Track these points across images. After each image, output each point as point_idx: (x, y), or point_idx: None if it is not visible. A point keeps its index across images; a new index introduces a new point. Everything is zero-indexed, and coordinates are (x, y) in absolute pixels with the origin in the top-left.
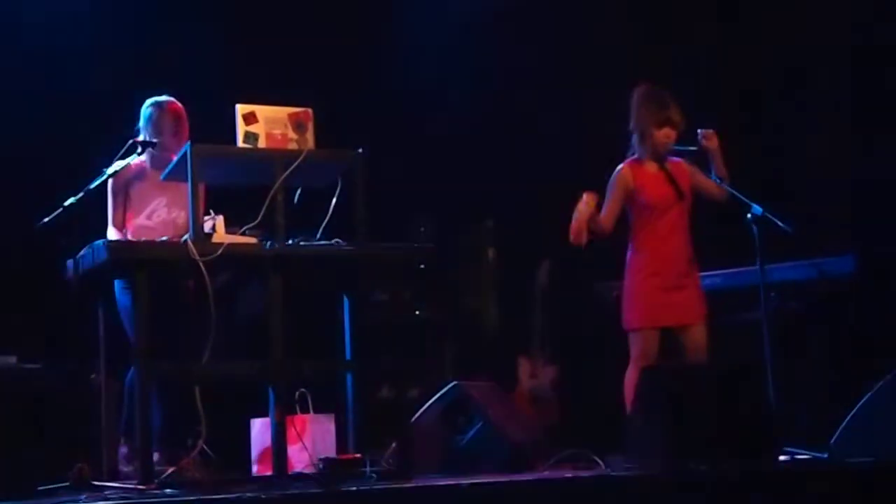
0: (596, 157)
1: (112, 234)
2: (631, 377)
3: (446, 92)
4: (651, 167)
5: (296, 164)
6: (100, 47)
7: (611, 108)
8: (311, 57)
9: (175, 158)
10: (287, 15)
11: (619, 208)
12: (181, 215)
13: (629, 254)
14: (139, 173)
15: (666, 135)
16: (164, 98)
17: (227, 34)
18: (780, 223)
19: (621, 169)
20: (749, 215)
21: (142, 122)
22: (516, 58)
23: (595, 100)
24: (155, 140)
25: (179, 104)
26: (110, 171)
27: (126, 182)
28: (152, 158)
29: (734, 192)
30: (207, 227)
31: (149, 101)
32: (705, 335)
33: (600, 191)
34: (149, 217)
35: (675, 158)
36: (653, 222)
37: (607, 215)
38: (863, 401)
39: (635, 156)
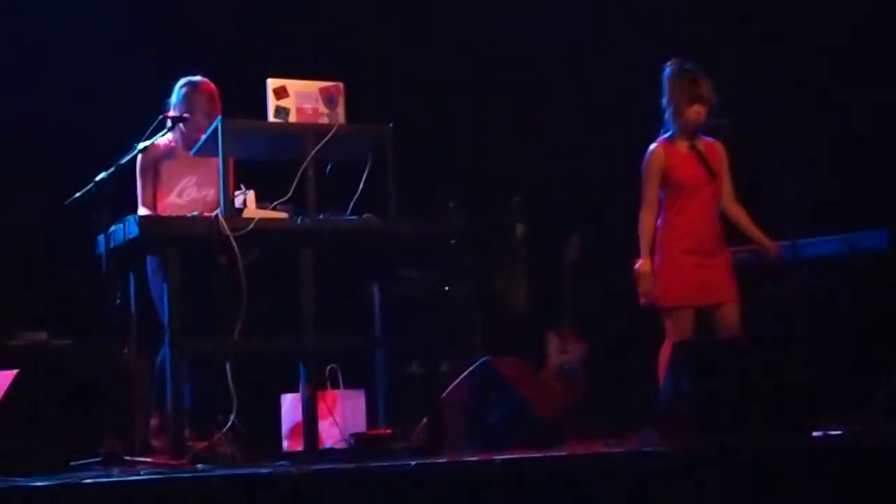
0: (627, 132)
1: (142, 212)
2: (665, 354)
3: (476, 67)
4: (682, 146)
5: (326, 138)
6: (131, 23)
7: (642, 82)
8: (342, 31)
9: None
10: None
11: (659, 189)
12: (210, 193)
13: (660, 232)
14: (169, 152)
15: (696, 112)
16: (197, 78)
17: (257, 8)
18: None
19: (654, 149)
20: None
21: (174, 100)
22: (545, 31)
23: (626, 73)
24: (186, 115)
25: (213, 84)
26: (141, 146)
27: (156, 160)
28: (183, 137)
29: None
30: (238, 202)
31: (183, 80)
32: (738, 314)
33: (632, 167)
34: (179, 195)
35: (708, 138)
36: (684, 201)
37: (650, 202)
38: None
39: (668, 134)
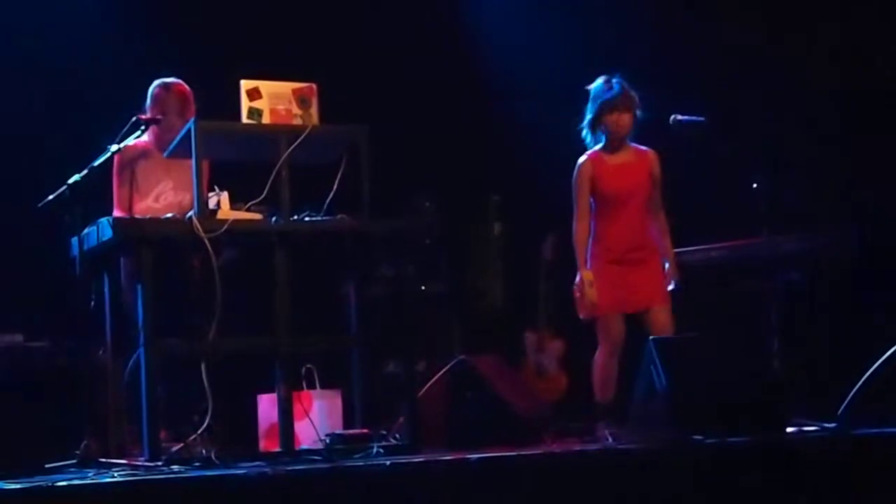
0: None
1: (117, 214)
2: (598, 362)
3: (452, 66)
4: (610, 158)
5: (300, 139)
6: (106, 24)
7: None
8: (315, 32)
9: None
10: None
11: (589, 199)
12: (187, 197)
13: (591, 242)
14: (144, 153)
15: (614, 120)
16: (171, 79)
17: (230, 9)
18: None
19: (583, 162)
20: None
21: (148, 103)
22: (523, 29)
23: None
24: (160, 117)
25: (186, 86)
26: (115, 147)
27: (131, 160)
28: (157, 139)
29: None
30: (212, 203)
31: (156, 82)
32: (669, 317)
33: None
34: (156, 199)
35: (641, 147)
36: (611, 211)
37: (581, 213)
38: (870, 371)
39: (599, 146)
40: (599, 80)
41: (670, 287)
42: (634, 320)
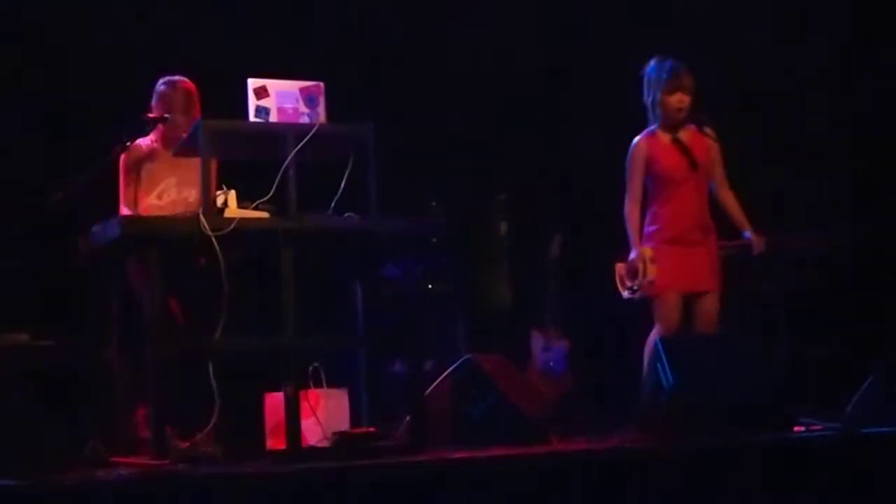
0: (611, 130)
1: (124, 212)
2: (651, 341)
3: (458, 65)
4: (665, 137)
5: (307, 138)
6: (111, 20)
7: (625, 80)
8: (323, 30)
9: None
10: None
11: (643, 181)
12: (192, 194)
13: (646, 224)
14: (150, 153)
15: (679, 100)
16: (176, 77)
17: (238, 7)
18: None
19: (637, 142)
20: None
21: (154, 100)
22: (529, 29)
23: (611, 72)
24: (167, 116)
25: (191, 83)
26: (122, 146)
27: (138, 161)
28: (163, 137)
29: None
30: (219, 201)
31: (161, 80)
32: (717, 305)
33: (615, 166)
34: (159, 197)
35: (693, 128)
36: (668, 192)
37: (635, 193)
38: (875, 371)
39: (650, 127)
40: (655, 60)
41: (757, 252)
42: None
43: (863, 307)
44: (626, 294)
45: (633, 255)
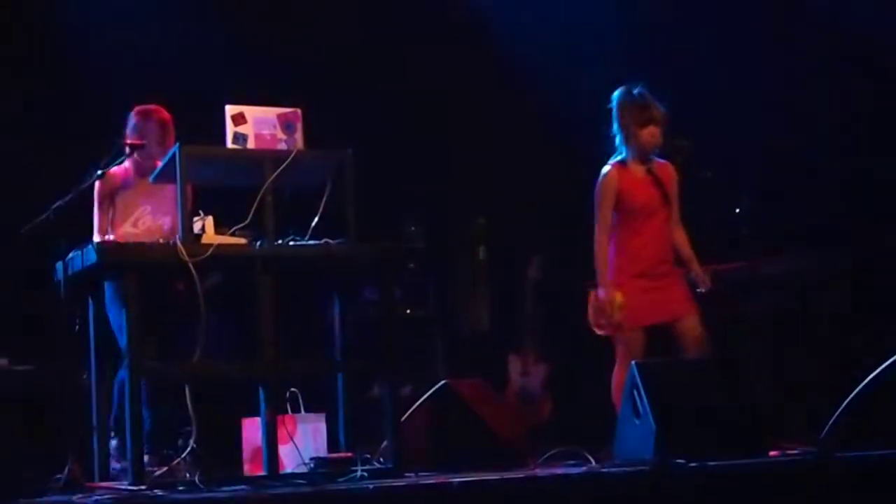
0: (587, 154)
1: (98, 239)
2: (618, 377)
3: (437, 90)
4: (637, 170)
5: (285, 164)
6: (88, 49)
7: (600, 105)
8: (300, 57)
9: (163, 161)
10: (274, 14)
11: (612, 212)
12: (167, 221)
13: (611, 255)
14: (125, 182)
15: (651, 133)
16: (151, 106)
17: (215, 34)
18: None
19: (608, 172)
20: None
21: (128, 130)
22: (506, 55)
23: (586, 96)
24: (143, 142)
25: (166, 113)
26: (98, 173)
27: (112, 190)
28: (137, 166)
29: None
30: (197, 228)
31: (135, 109)
32: (700, 325)
33: (589, 188)
34: (134, 224)
35: (661, 160)
36: (638, 224)
37: (604, 224)
38: (852, 395)
39: (620, 157)
40: (622, 90)
41: (701, 290)
42: (662, 332)
43: (844, 329)
44: (596, 329)
45: (601, 294)
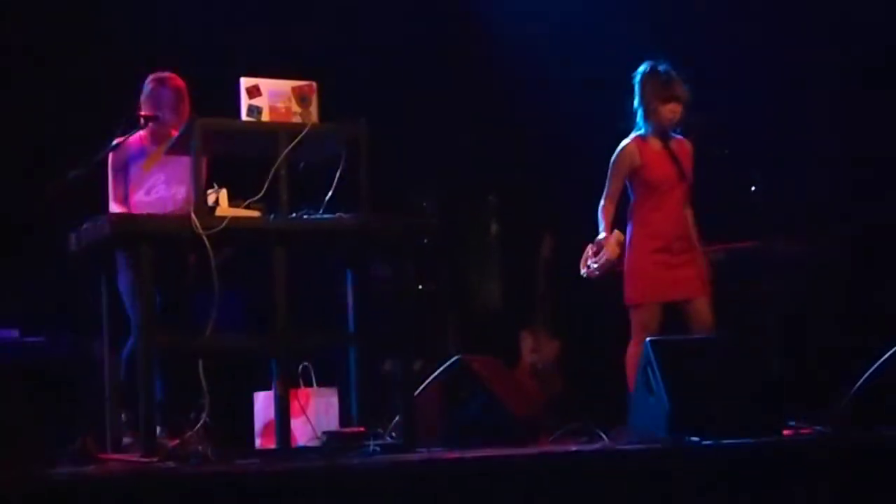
0: (601, 131)
1: (114, 209)
2: (632, 352)
3: (450, 65)
4: (655, 144)
5: (299, 137)
6: (123, 22)
7: (614, 82)
8: (313, 29)
9: (177, 133)
10: None
11: (623, 186)
12: (180, 191)
13: (630, 230)
14: (139, 150)
15: (672, 110)
16: (165, 74)
17: (231, 6)
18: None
19: (627, 145)
20: None
21: (143, 98)
22: (520, 31)
23: (600, 73)
24: (158, 115)
25: (181, 80)
26: (113, 144)
27: (126, 159)
28: (152, 134)
29: None
30: (210, 200)
31: (150, 77)
32: (710, 308)
33: (601, 165)
34: (147, 193)
35: (678, 136)
36: (656, 199)
37: (613, 194)
38: (866, 374)
39: (640, 132)
40: (646, 66)
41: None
42: (673, 311)
43: (853, 309)
44: (583, 271)
45: (600, 237)
